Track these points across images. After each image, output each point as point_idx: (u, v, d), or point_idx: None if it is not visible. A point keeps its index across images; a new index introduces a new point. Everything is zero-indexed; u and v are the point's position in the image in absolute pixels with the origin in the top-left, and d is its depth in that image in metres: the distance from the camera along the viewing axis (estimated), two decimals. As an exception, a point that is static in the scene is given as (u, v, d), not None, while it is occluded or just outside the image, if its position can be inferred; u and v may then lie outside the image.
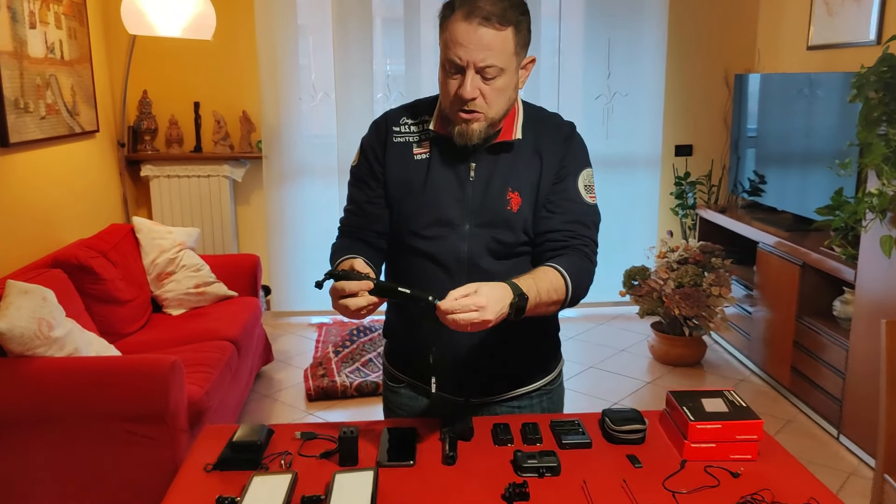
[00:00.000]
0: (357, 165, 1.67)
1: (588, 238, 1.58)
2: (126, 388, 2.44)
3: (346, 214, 1.70)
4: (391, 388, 1.79)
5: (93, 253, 3.34)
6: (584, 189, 1.60)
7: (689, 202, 4.89)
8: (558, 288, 1.46)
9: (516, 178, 1.56)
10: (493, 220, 1.54)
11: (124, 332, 3.37)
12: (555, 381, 1.76)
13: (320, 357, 4.05)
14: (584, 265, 1.55)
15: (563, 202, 1.57)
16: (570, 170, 1.58)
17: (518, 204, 1.55)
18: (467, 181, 1.55)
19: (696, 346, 4.16)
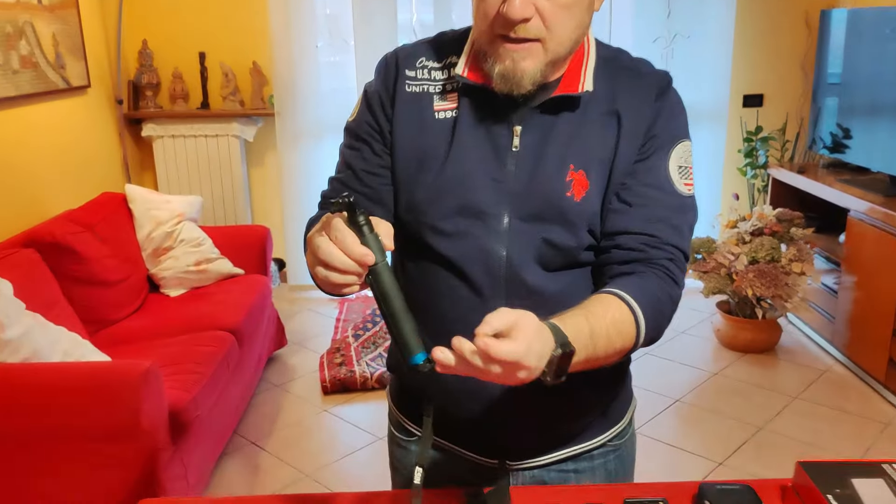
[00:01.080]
0: (355, 120, 1.19)
1: (675, 248, 1.09)
2: (89, 401, 2.01)
3: (332, 186, 1.22)
4: (398, 441, 1.32)
5: (75, 228, 2.91)
6: (678, 172, 1.10)
7: (760, 161, 4.28)
8: (624, 330, 0.99)
9: (582, 150, 1.07)
10: (544, 210, 1.07)
11: (112, 318, 2.96)
12: (625, 433, 1.27)
13: (339, 341, 3.61)
14: (666, 291, 1.06)
15: (646, 190, 1.09)
16: (661, 141, 1.09)
17: (584, 188, 1.07)
18: (509, 151, 1.08)
19: (770, 329, 3.61)
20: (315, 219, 1.17)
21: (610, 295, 1.01)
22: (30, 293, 2.47)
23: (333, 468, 2.69)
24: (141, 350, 2.67)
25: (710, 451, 2.77)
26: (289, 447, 2.83)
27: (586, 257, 1.12)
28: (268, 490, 2.57)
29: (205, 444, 2.45)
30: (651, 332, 1.02)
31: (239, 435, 2.91)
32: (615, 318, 0.98)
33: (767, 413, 3.05)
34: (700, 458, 2.73)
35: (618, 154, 1.08)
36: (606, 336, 0.96)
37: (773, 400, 3.16)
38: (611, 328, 0.96)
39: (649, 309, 1.01)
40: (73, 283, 2.81)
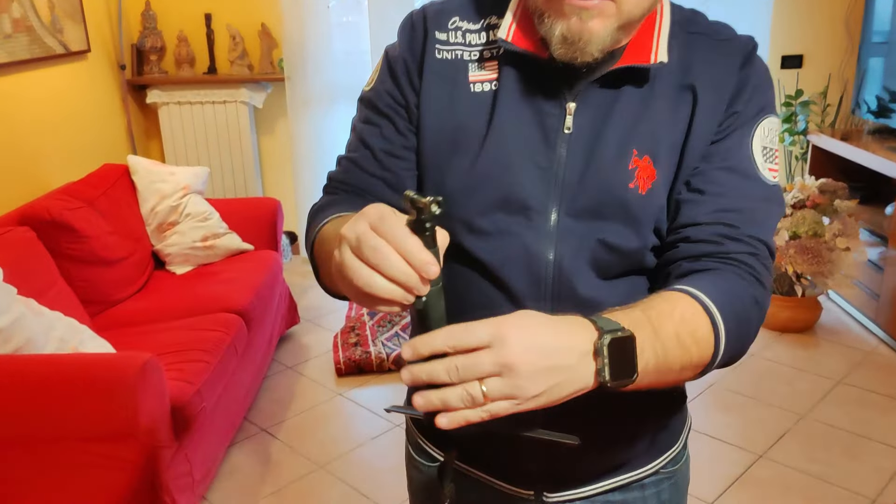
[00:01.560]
0: (374, 90, 0.99)
1: (758, 241, 0.89)
2: (82, 398, 1.85)
3: (343, 167, 1.02)
4: (417, 466, 1.14)
5: (74, 203, 2.74)
6: (763, 154, 0.91)
7: (800, 126, 4.02)
8: (699, 333, 0.78)
9: (649, 133, 0.89)
10: (601, 205, 0.89)
11: (114, 298, 2.81)
12: (679, 458, 1.09)
13: (353, 320, 3.44)
14: (750, 292, 0.86)
15: (722, 175, 0.89)
16: (743, 118, 0.90)
17: (650, 178, 0.89)
18: (560, 134, 0.90)
19: (810, 308, 3.40)
20: (321, 206, 0.98)
21: (675, 291, 0.81)
22: (24, 275, 2.32)
23: (348, 458, 2.54)
24: (143, 334, 2.52)
25: (750, 442, 2.59)
26: (302, 436, 2.68)
27: (650, 262, 0.93)
28: (280, 484, 2.43)
29: (212, 436, 2.30)
30: (734, 341, 0.81)
31: (250, 422, 2.77)
32: (684, 316, 0.77)
33: (810, 399, 2.86)
34: (739, 449, 2.55)
35: (691, 136, 0.88)
36: (676, 337, 0.75)
37: (816, 384, 2.96)
38: (681, 328, 0.76)
39: (730, 311, 0.81)
40: (71, 263, 2.65)
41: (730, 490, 2.35)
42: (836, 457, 2.50)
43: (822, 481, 2.38)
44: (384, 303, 0.66)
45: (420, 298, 0.66)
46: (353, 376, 3.08)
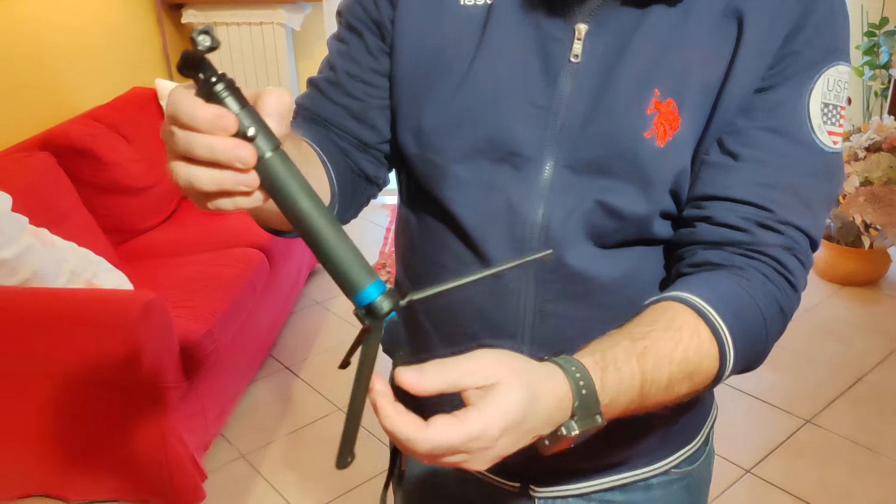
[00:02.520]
0: (348, 5, 0.83)
1: (799, 232, 0.72)
2: (83, 336, 1.80)
3: (308, 91, 0.87)
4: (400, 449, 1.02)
5: (97, 128, 2.66)
6: (823, 113, 0.71)
7: (882, 59, 3.64)
8: (698, 372, 0.67)
9: (677, 69, 0.71)
10: (607, 158, 0.73)
11: (138, 228, 2.75)
12: (697, 456, 0.95)
13: (385, 256, 3.34)
14: (775, 302, 0.71)
15: (766, 137, 0.71)
16: (803, 62, 0.71)
17: (672, 128, 0.72)
18: (564, 63, 0.73)
19: (877, 260, 3.13)
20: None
21: (687, 311, 0.66)
22: (43, 202, 2.27)
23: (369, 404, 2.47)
24: (162, 268, 2.46)
25: (797, 405, 2.41)
26: (324, 376, 2.62)
27: (661, 230, 0.76)
28: (297, 424, 2.38)
29: (227, 375, 2.24)
30: (741, 363, 0.69)
31: (273, 358, 2.72)
32: (686, 357, 0.64)
33: (868, 360, 2.64)
34: (784, 412, 2.38)
35: (731, 78, 0.70)
36: (667, 384, 0.64)
37: (875, 345, 2.74)
38: (677, 371, 0.64)
39: (744, 335, 0.67)
40: (94, 191, 2.58)
41: (770, 457, 2.19)
42: (890, 427, 2.31)
43: (871, 452, 2.20)
44: (219, 196, 0.50)
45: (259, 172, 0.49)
46: (381, 316, 2.99)
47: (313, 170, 0.74)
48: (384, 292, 0.53)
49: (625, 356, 0.62)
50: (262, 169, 0.49)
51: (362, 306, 0.53)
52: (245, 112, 0.48)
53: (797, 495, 2.05)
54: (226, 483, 2.13)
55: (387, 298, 0.53)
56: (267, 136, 0.49)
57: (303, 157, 0.71)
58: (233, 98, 0.48)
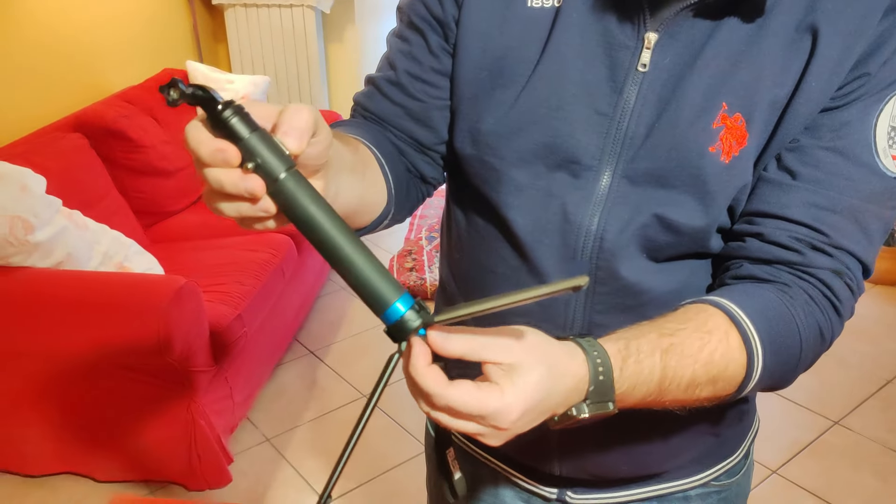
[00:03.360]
0: (410, 2, 0.82)
1: (852, 258, 0.70)
2: (116, 320, 1.82)
3: (367, 89, 0.85)
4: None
5: (130, 110, 2.68)
6: (889, 137, 0.69)
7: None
8: (722, 378, 0.66)
9: (749, 83, 0.69)
10: (670, 171, 0.71)
11: (169, 210, 2.78)
12: (737, 469, 0.94)
13: (412, 243, 3.33)
14: (815, 325, 0.69)
15: (827, 157, 0.69)
16: (875, 84, 0.68)
17: (739, 144, 0.70)
18: (631, 72, 0.71)
19: (911, 259, 3.07)
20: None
21: (721, 315, 0.66)
22: (75, 184, 2.29)
23: (393, 390, 2.47)
24: (192, 251, 2.48)
25: (826, 407, 2.38)
26: (349, 362, 2.63)
27: (715, 245, 0.75)
28: (322, 410, 2.39)
29: (255, 359, 2.26)
30: (768, 378, 0.68)
31: (299, 342, 2.73)
32: (711, 359, 0.64)
33: (898, 363, 2.60)
34: (813, 413, 2.35)
35: (799, 94, 0.67)
36: (689, 385, 0.65)
37: (906, 346, 2.70)
38: (700, 373, 0.64)
39: (776, 350, 0.66)
40: (126, 173, 2.61)
41: (797, 458, 2.17)
42: (922, 430, 2.28)
43: (901, 456, 2.17)
44: (248, 222, 0.52)
45: (275, 194, 0.50)
46: (406, 302, 2.99)
47: (371, 172, 0.73)
48: (412, 307, 0.53)
49: (649, 349, 0.62)
50: (278, 191, 0.49)
51: (392, 323, 0.53)
52: (255, 136, 0.48)
53: (823, 497, 2.03)
54: (251, 466, 2.15)
55: (416, 314, 0.53)
56: (279, 158, 0.49)
57: (359, 160, 0.71)
58: (241, 123, 0.48)
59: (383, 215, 0.77)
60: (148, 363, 1.84)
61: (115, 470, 2.05)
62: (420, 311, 0.53)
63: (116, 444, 2.01)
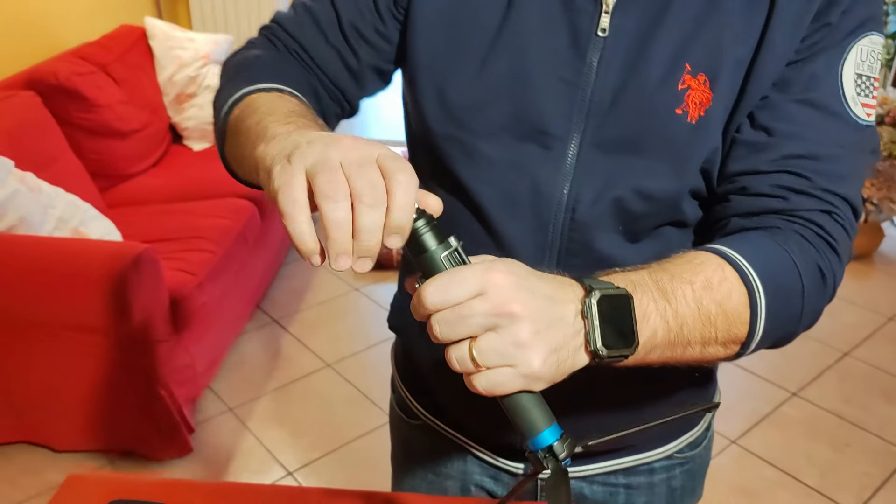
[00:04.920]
0: None
1: (838, 198, 0.68)
2: (73, 287, 1.76)
3: (299, 16, 0.80)
4: (401, 420, 1.01)
5: (85, 67, 2.57)
6: (857, 85, 0.69)
7: (890, 28, 3.58)
8: (730, 308, 0.62)
9: (710, 44, 0.68)
10: (639, 135, 0.70)
11: (127, 172, 2.69)
12: (699, 441, 0.95)
13: (378, 210, 3.28)
14: (812, 260, 0.66)
15: (799, 110, 0.68)
16: (837, 34, 0.68)
17: (704, 104, 0.69)
18: (592, 37, 0.69)
19: (871, 234, 3.13)
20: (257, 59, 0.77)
21: (704, 251, 0.64)
22: (28, 145, 2.20)
23: (357, 359, 2.46)
24: (151, 216, 2.41)
25: (785, 378, 2.43)
26: (313, 330, 2.60)
27: (689, 210, 0.74)
28: (285, 380, 2.36)
29: (217, 328, 2.22)
30: (778, 320, 0.64)
31: (262, 311, 2.69)
32: (710, 281, 0.61)
33: (855, 336, 2.66)
34: (772, 385, 2.40)
35: (763, 51, 0.67)
36: (696, 304, 0.60)
37: (863, 319, 2.75)
38: (704, 294, 0.60)
39: (776, 283, 0.63)
40: (81, 133, 2.51)
41: (755, 428, 2.21)
42: (875, 401, 2.33)
43: (854, 427, 2.23)
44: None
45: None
46: (372, 272, 2.96)
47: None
48: (560, 437, 0.53)
49: (626, 272, 0.60)
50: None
51: (538, 449, 0.53)
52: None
53: (780, 467, 2.07)
54: (213, 436, 2.12)
55: (564, 444, 0.53)
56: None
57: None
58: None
59: None
60: (106, 332, 1.79)
61: (73, 439, 2.00)
62: (568, 441, 0.53)
63: (74, 413, 1.96)
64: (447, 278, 0.51)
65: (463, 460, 0.94)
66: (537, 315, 0.51)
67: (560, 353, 0.53)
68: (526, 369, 0.51)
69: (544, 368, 0.52)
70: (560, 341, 0.53)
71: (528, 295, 0.51)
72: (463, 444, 0.92)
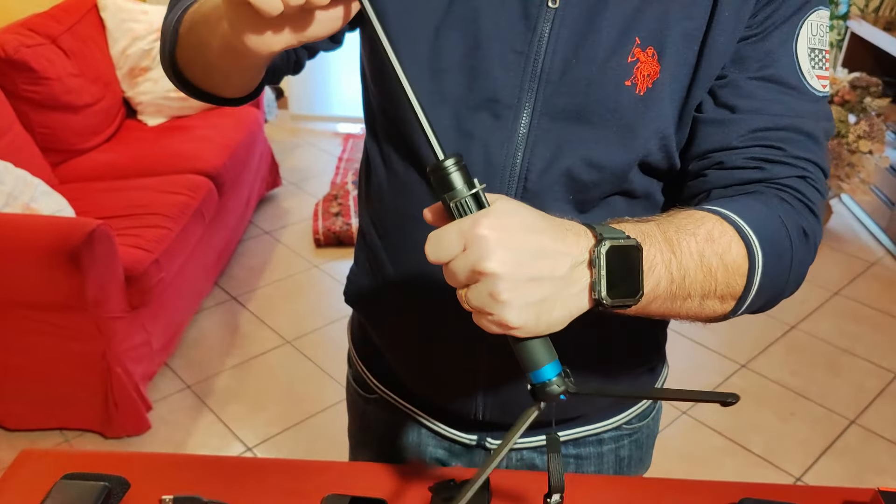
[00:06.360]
0: None
1: (810, 164, 0.71)
2: (25, 263, 1.73)
3: None
4: (355, 395, 1.02)
5: (34, 39, 2.50)
6: (810, 58, 0.72)
7: (840, 10, 3.66)
8: (730, 260, 0.64)
9: (658, 18, 0.70)
10: (588, 106, 0.71)
11: (79, 147, 2.63)
12: (647, 413, 0.98)
13: (337, 187, 3.28)
14: (796, 221, 0.69)
15: (759, 86, 0.71)
16: (785, 11, 0.70)
17: (652, 76, 0.70)
18: (542, 10, 0.70)
19: (819, 211, 3.22)
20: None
21: (701, 211, 0.66)
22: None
23: (317, 335, 2.47)
24: (105, 192, 2.37)
25: (735, 350, 2.50)
26: (272, 307, 2.60)
27: (639, 182, 0.76)
28: (244, 357, 2.36)
29: (174, 305, 2.20)
30: (773, 275, 0.66)
31: (220, 287, 2.67)
32: (711, 234, 0.63)
33: (802, 309, 2.75)
34: (722, 357, 2.47)
35: (713, 27, 0.68)
36: (699, 256, 0.62)
37: (810, 293, 2.84)
38: (706, 247, 0.62)
39: (769, 239, 0.65)
40: (30, 107, 2.45)
41: (705, 399, 2.28)
42: (819, 372, 2.43)
43: (799, 396, 2.31)
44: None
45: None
46: (331, 248, 2.96)
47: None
48: (559, 374, 0.56)
49: (635, 222, 0.61)
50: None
51: (536, 383, 0.56)
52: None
53: (728, 436, 2.15)
54: (171, 414, 2.12)
55: (561, 382, 0.56)
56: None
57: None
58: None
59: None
60: (59, 309, 1.77)
61: (28, 418, 1.98)
62: (565, 381, 0.56)
63: (28, 391, 1.94)
64: (437, 236, 0.54)
65: (417, 433, 0.95)
66: (514, 272, 0.52)
67: (542, 306, 0.54)
68: (502, 321, 0.54)
69: (520, 321, 0.54)
70: (540, 295, 0.54)
71: (506, 252, 0.52)
72: (417, 416, 0.94)
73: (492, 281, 0.52)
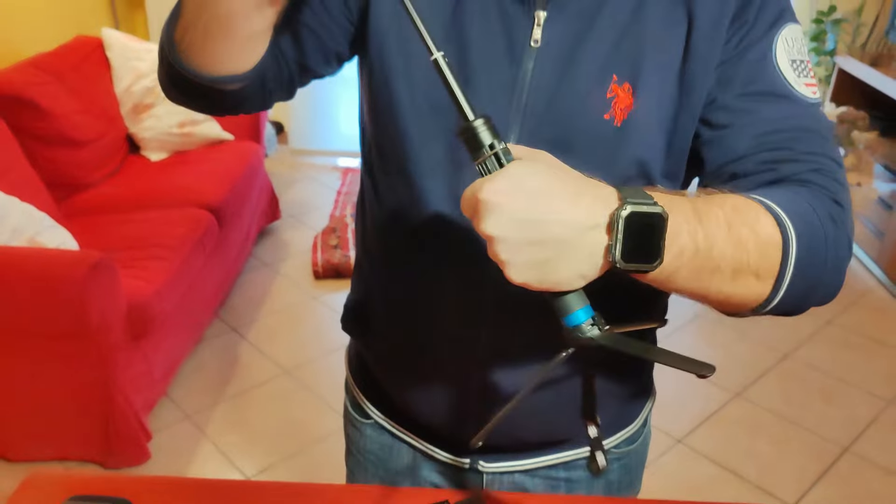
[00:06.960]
0: None
1: (822, 157, 0.71)
2: (30, 295, 1.77)
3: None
4: (353, 422, 1.05)
5: (40, 77, 2.57)
6: (793, 68, 0.74)
7: (828, 46, 3.75)
8: (761, 230, 0.62)
9: (635, 54, 0.74)
10: (569, 137, 0.75)
11: (83, 182, 2.68)
12: (635, 437, 1.00)
13: (336, 220, 3.33)
14: (824, 208, 0.67)
15: (748, 102, 0.73)
16: (758, 31, 0.73)
17: (627, 108, 0.74)
18: (526, 48, 0.75)
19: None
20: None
21: (729, 193, 0.67)
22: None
23: (316, 366, 2.49)
24: (108, 225, 2.41)
25: (728, 379, 2.53)
26: (271, 338, 2.63)
27: None
28: (243, 387, 2.39)
29: (175, 335, 2.23)
30: (808, 262, 0.63)
31: (220, 319, 2.71)
32: (737, 205, 0.62)
33: (796, 338, 2.78)
34: (715, 386, 2.50)
35: (690, 58, 0.72)
36: (727, 225, 0.60)
37: (802, 323, 2.88)
38: (733, 217, 0.61)
39: (801, 221, 0.64)
40: (36, 143, 2.50)
41: (699, 428, 2.31)
42: (813, 400, 2.45)
43: (793, 425, 2.33)
44: None
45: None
46: (330, 279, 3.00)
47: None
48: (592, 317, 0.58)
49: (661, 191, 0.62)
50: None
51: (570, 326, 0.58)
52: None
53: (723, 465, 2.17)
54: (171, 443, 2.13)
55: (594, 325, 0.58)
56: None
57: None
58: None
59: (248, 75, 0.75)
60: (64, 339, 1.80)
61: (29, 449, 2.00)
62: (597, 323, 0.58)
63: (30, 422, 1.96)
64: (464, 194, 0.58)
65: (412, 456, 0.98)
66: (511, 235, 0.55)
67: (545, 266, 0.56)
68: (508, 277, 0.57)
69: (522, 279, 0.57)
70: (542, 257, 0.56)
71: (503, 216, 0.55)
72: (411, 440, 0.97)
73: (494, 244, 0.56)
